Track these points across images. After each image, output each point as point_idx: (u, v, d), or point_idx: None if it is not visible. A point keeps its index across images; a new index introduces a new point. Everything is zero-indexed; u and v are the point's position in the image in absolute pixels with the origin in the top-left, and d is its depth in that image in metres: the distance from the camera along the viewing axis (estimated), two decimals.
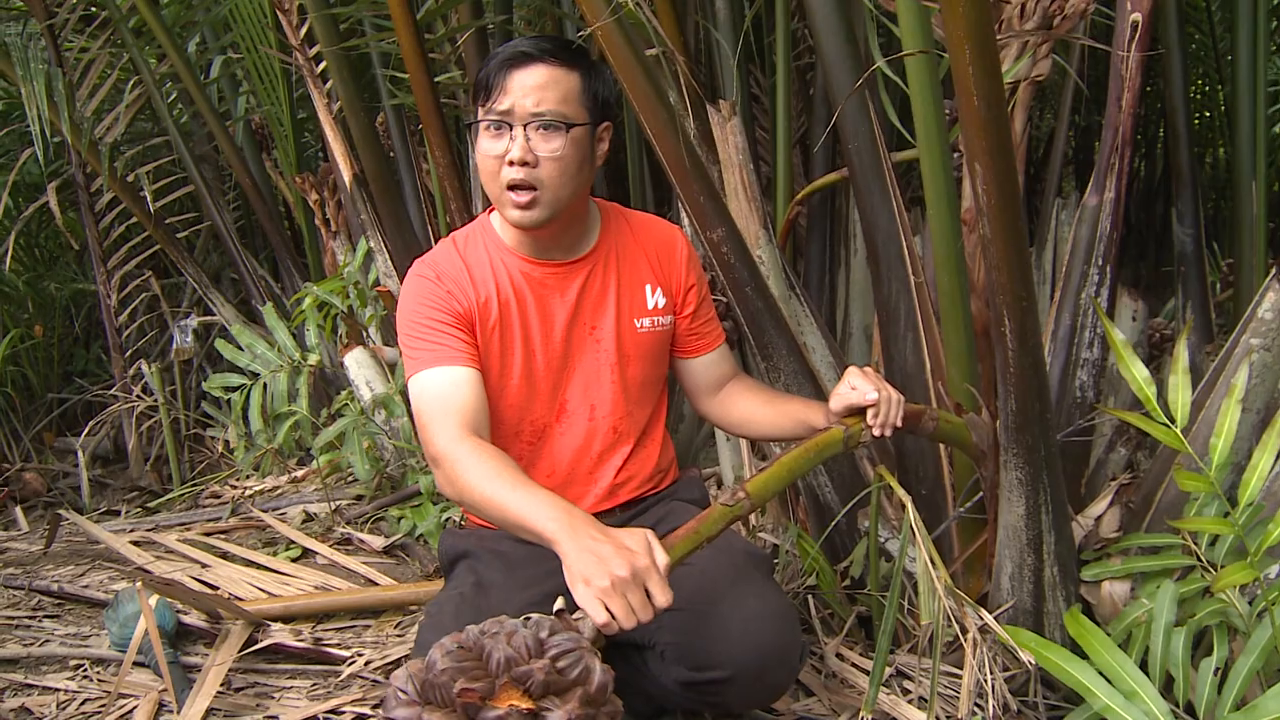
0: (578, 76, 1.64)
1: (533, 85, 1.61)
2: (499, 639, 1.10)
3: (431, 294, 1.71)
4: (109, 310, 4.23)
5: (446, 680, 1.06)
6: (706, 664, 1.56)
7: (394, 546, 2.87)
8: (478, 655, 1.09)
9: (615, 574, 1.24)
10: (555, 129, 1.61)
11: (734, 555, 1.71)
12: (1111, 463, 2.36)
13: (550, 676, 1.07)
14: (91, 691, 2.10)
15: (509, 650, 1.08)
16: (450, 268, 1.74)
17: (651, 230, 1.87)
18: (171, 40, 3.94)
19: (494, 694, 1.05)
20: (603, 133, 1.72)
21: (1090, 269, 2.08)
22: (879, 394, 1.63)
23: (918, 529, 1.66)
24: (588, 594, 1.24)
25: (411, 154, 3.83)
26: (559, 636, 1.12)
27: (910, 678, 1.93)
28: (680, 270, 1.87)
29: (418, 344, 1.69)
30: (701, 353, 1.91)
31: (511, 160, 1.61)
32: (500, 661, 1.07)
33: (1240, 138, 3.10)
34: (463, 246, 1.78)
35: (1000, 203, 1.53)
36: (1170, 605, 1.73)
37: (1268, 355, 1.91)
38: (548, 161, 1.62)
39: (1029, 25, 1.94)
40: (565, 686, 1.08)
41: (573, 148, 1.63)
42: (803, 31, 3.37)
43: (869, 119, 2.07)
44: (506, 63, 1.62)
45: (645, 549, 1.29)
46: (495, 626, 1.13)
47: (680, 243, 1.88)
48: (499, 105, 1.62)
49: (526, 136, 1.61)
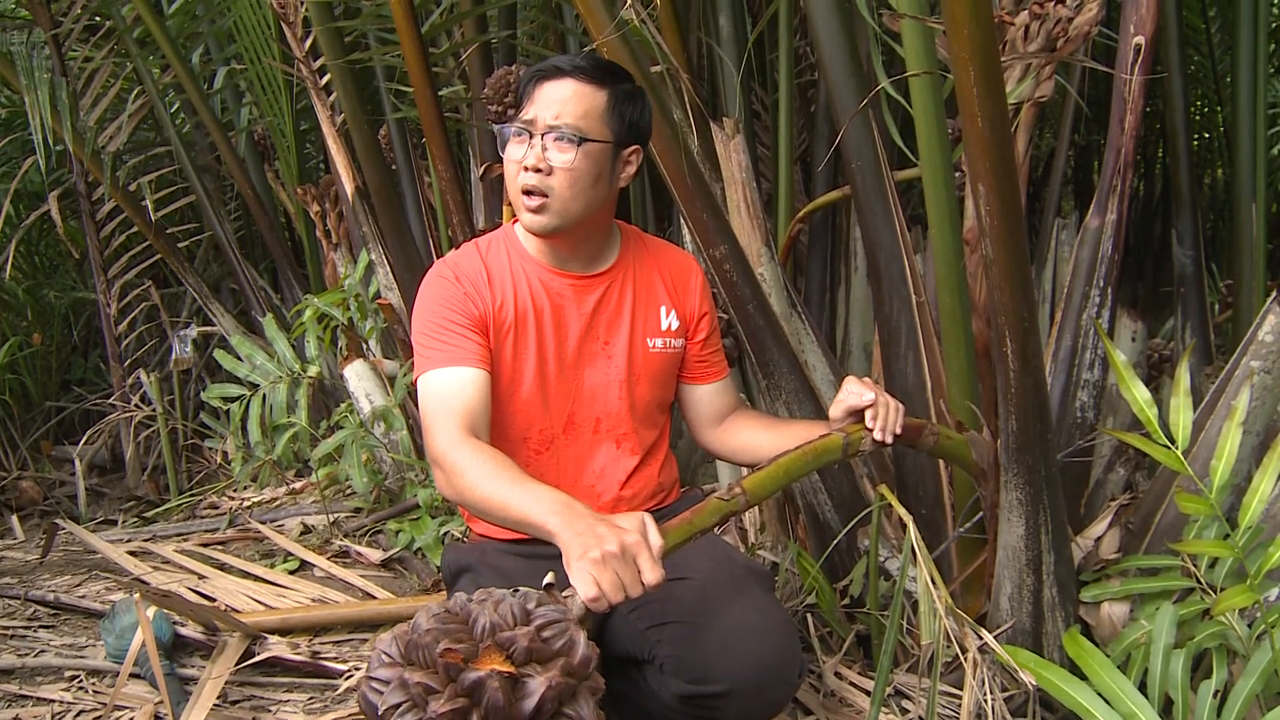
0: (605, 95, 1.70)
1: (556, 98, 1.68)
2: (486, 606, 1.11)
3: (450, 294, 1.74)
4: (108, 319, 4.22)
5: (430, 641, 1.06)
6: (705, 678, 1.56)
7: (392, 560, 2.87)
8: (464, 620, 1.10)
9: (605, 549, 1.25)
10: (569, 141, 1.66)
11: (735, 569, 1.71)
12: (1110, 483, 2.36)
13: (534, 644, 1.07)
14: (87, 703, 2.09)
15: (495, 617, 1.09)
16: (470, 269, 1.78)
17: (669, 256, 1.92)
18: (175, 51, 3.96)
19: (477, 657, 1.06)
20: (630, 155, 1.76)
21: (1091, 290, 2.08)
22: (877, 397, 1.66)
23: (918, 548, 1.66)
24: (578, 568, 1.25)
25: (414, 167, 3.84)
26: (546, 608, 1.13)
27: (909, 697, 1.93)
28: (695, 297, 1.91)
29: (431, 343, 1.72)
30: (708, 380, 1.94)
31: (527, 166, 1.68)
32: (485, 627, 1.08)
33: (1240, 159, 3.11)
34: (485, 250, 1.82)
35: (1003, 223, 1.53)
36: (1169, 627, 1.72)
37: (1268, 378, 1.92)
38: (560, 172, 1.68)
39: (1033, 47, 1.95)
40: (548, 656, 1.08)
41: (585, 161, 1.68)
42: (804, 49, 3.38)
43: (872, 138, 2.08)
44: (538, 74, 1.71)
45: (638, 528, 1.31)
46: (484, 595, 1.13)
47: (696, 271, 1.93)
48: (525, 114, 1.70)
49: (544, 146, 1.67)
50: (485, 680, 1.02)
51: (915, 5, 1.91)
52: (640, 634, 1.63)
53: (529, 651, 1.07)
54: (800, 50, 3.33)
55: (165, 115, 4.15)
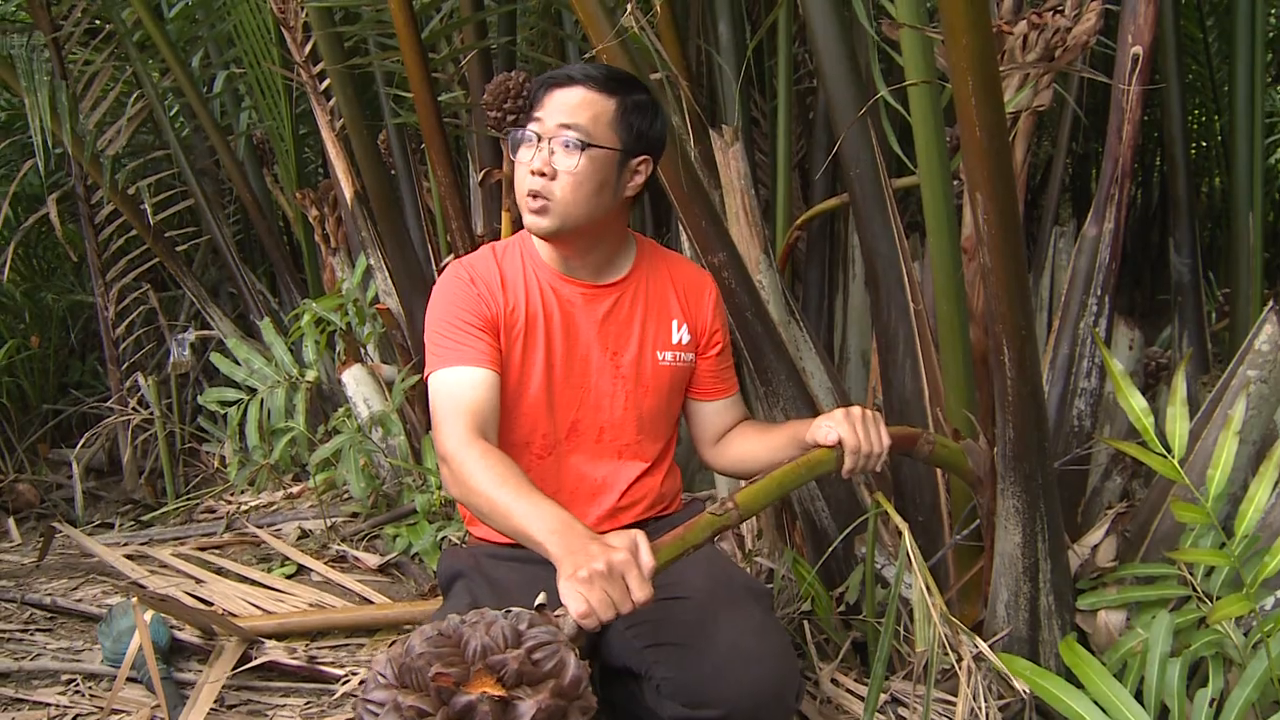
0: (614, 103, 1.70)
1: (565, 104, 1.69)
2: (478, 628, 1.12)
3: (464, 295, 1.76)
4: (106, 322, 4.22)
5: (423, 664, 1.07)
6: (702, 701, 1.55)
7: (389, 565, 2.87)
8: (456, 642, 1.11)
9: (594, 567, 1.27)
10: (574, 146, 1.68)
11: (733, 589, 1.70)
12: (1107, 491, 2.36)
13: (524, 667, 1.08)
14: (83, 707, 2.09)
15: (486, 639, 1.10)
16: (485, 271, 1.79)
17: (683, 270, 1.92)
18: (175, 55, 3.96)
19: (468, 680, 1.07)
20: (639, 165, 1.76)
21: (1089, 299, 2.09)
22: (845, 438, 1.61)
23: (914, 556, 1.66)
24: (567, 586, 1.26)
25: (413, 172, 3.85)
26: (537, 629, 1.14)
27: (905, 704, 1.93)
28: (707, 313, 1.90)
29: (443, 341, 1.73)
30: (717, 397, 1.93)
31: (533, 170, 1.70)
32: (476, 649, 1.09)
33: (1237, 168, 3.13)
34: (500, 254, 1.84)
35: (1001, 232, 1.54)
36: (1166, 635, 1.72)
37: (1264, 387, 1.92)
38: (563, 175, 1.68)
39: (1031, 57, 1.96)
40: (539, 678, 1.09)
41: (589, 166, 1.68)
42: (803, 57, 3.39)
43: (871, 146, 2.08)
44: (549, 81, 1.73)
45: (629, 546, 1.32)
46: (476, 617, 1.14)
47: (711, 287, 1.93)
48: (534, 119, 1.72)
49: (551, 150, 1.69)
50: (476, 704, 1.03)
51: (914, 14, 1.92)
52: (638, 652, 1.63)
53: (520, 674, 1.08)
54: (799, 58, 3.34)
55: (165, 119, 4.16)
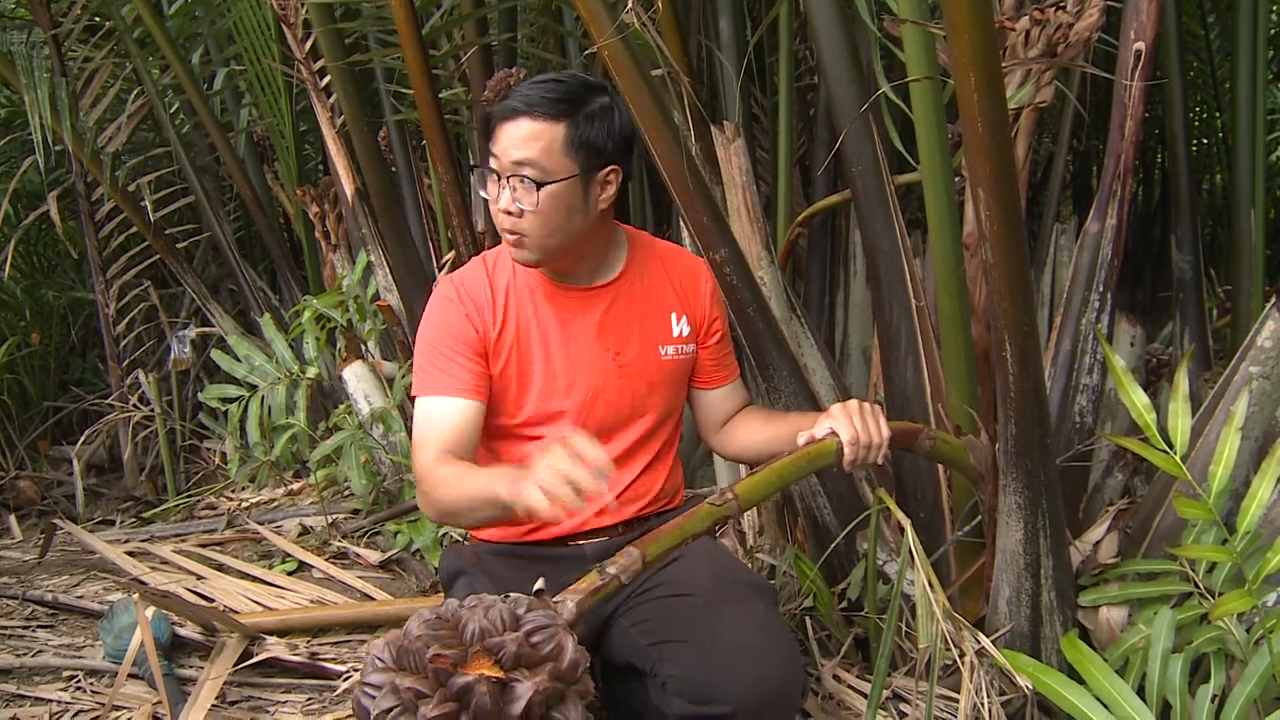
0: (563, 128, 1.65)
1: (514, 139, 1.65)
2: (476, 611, 1.12)
3: (451, 318, 1.76)
4: (107, 319, 4.22)
5: (420, 647, 1.08)
6: (708, 699, 1.55)
7: (390, 561, 2.87)
8: (454, 626, 1.12)
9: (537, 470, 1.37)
10: (530, 186, 1.65)
11: (737, 585, 1.70)
12: (1108, 487, 2.36)
13: (522, 649, 1.09)
14: (85, 703, 2.09)
15: (484, 622, 1.10)
16: (474, 287, 1.79)
17: (678, 260, 1.91)
18: (175, 51, 3.95)
19: (466, 662, 1.08)
20: (607, 176, 1.72)
21: (1091, 295, 2.08)
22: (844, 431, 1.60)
23: (916, 552, 1.66)
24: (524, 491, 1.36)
25: (414, 169, 3.84)
26: (535, 613, 1.14)
27: (907, 701, 1.93)
28: (705, 302, 1.90)
29: (428, 367, 1.75)
30: (720, 384, 1.94)
31: (498, 209, 1.69)
32: (474, 632, 1.09)
33: (1239, 165, 3.12)
34: (492, 265, 1.83)
35: (1003, 228, 1.54)
36: (1168, 632, 1.72)
37: (1267, 383, 1.92)
38: (528, 214, 1.67)
39: (1033, 53, 1.95)
40: (536, 660, 1.10)
41: (550, 202, 1.66)
42: (804, 53, 3.39)
43: (872, 142, 2.08)
44: (498, 116, 1.69)
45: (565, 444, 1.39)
46: (474, 601, 1.15)
47: (705, 275, 1.92)
48: (491, 153, 1.69)
49: (513, 188, 1.67)
50: (473, 685, 1.04)
51: (916, 10, 1.91)
52: (642, 649, 1.63)
53: (517, 656, 1.08)
54: (800, 54, 3.33)
55: (165, 116, 4.15)
